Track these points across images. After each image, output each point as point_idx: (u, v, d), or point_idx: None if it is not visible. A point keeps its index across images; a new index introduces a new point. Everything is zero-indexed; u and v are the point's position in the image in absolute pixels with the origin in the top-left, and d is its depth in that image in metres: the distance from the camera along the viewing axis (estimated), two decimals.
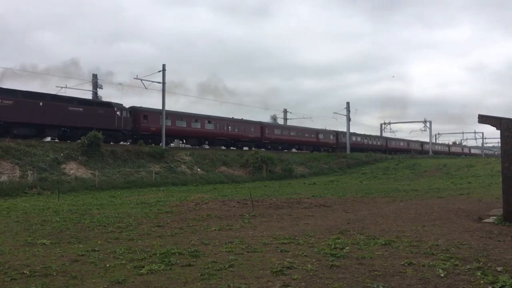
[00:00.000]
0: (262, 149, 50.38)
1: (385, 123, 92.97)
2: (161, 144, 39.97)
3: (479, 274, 6.16)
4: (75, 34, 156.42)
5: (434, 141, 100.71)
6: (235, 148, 50.93)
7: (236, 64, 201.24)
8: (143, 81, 41.30)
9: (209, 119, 47.97)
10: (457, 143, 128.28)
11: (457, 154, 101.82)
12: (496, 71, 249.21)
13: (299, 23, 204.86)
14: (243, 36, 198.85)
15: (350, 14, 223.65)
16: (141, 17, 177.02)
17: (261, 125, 54.77)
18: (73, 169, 28.93)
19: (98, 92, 47.80)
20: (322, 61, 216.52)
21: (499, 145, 13.47)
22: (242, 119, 53.33)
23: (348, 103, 67.43)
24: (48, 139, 34.83)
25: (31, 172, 26.12)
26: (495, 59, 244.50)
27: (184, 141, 47.25)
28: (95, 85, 47.76)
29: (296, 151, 59.38)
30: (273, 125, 59.96)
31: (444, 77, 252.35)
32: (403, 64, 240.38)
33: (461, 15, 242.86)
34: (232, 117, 52.02)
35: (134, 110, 39.96)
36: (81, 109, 35.08)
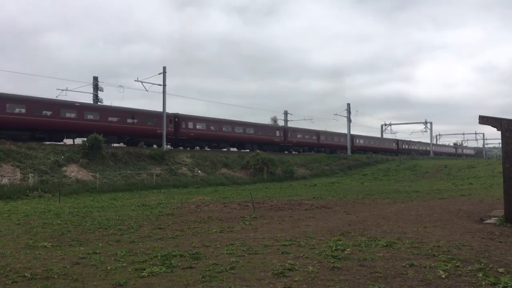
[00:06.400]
0: (180, 148, 42.66)
1: (385, 124, 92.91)
2: (162, 146, 39.98)
3: (480, 275, 6.15)
4: (83, 36, 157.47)
5: (413, 141, 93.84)
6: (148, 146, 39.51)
7: (245, 65, 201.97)
8: (143, 83, 41.23)
9: (82, 106, 37.06)
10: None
11: (443, 154, 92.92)
12: (505, 72, 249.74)
13: (310, 23, 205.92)
14: (253, 37, 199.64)
15: (362, 14, 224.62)
16: (150, 18, 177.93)
17: (176, 117, 43.67)
18: (74, 172, 28.94)
19: (98, 95, 47.82)
20: (331, 62, 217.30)
21: (500, 145, 13.45)
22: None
23: (348, 104, 67.39)
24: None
25: (32, 174, 26.12)
26: (504, 59, 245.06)
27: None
28: (96, 87, 47.78)
29: (226, 150, 48.94)
30: (194, 118, 45.59)
31: (452, 78, 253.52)
32: (411, 65, 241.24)
33: (472, 15, 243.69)
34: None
35: None
36: None
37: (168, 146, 41.55)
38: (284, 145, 56.57)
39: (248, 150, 49.72)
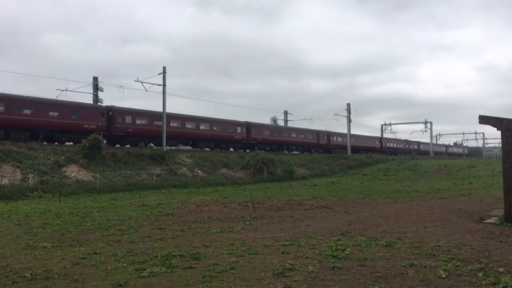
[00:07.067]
0: (120, 145, 37.96)
1: (385, 124, 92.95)
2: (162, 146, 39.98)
3: (480, 275, 6.15)
4: (84, 36, 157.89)
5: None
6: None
7: (246, 65, 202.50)
8: (143, 83, 41.20)
9: None
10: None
11: (422, 154, 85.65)
12: (505, 71, 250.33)
13: (310, 23, 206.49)
14: (254, 37, 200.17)
15: (362, 14, 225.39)
16: (151, 18, 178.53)
17: (110, 110, 38.37)
18: (74, 172, 28.94)
19: (98, 95, 47.78)
20: (332, 62, 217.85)
21: (500, 145, 13.46)
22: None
23: (348, 104, 67.41)
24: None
25: (32, 175, 26.13)
26: (505, 59, 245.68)
27: None
28: (96, 87, 47.76)
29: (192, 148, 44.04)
30: (132, 111, 40.18)
31: (452, 78, 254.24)
32: (412, 65, 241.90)
33: (472, 15, 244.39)
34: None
35: None
36: None
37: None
38: (247, 143, 50.83)
39: (208, 149, 45.66)
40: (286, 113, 73.16)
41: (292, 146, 58.61)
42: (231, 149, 49.43)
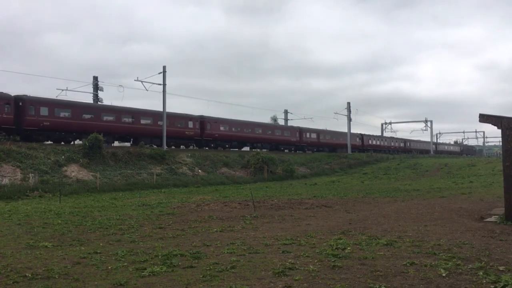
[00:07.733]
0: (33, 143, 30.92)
1: (386, 123, 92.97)
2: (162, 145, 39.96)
3: (481, 273, 6.15)
4: (84, 36, 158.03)
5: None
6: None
7: (246, 65, 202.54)
8: (143, 82, 41.16)
9: None
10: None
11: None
12: (506, 70, 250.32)
13: (311, 22, 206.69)
14: (255, 37, 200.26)
15: (363, 13, 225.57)
16: (151, 18, 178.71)
17: (21, 101, 32.70)
18: (74, 172, 28.95)
19: (98, 94, 47.84)
20: (333, 62, 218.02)
21: (500, 144, 13.45)
22: None
23: (348, 103, 67.43)
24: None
25: (32, 175, 26.14)
26: (506, 58, 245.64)
27: None
28: (96, 87, 47.78)
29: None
30: (52, 102, 35.13)
31: (453, 77, 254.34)
32: (413, 63, 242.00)
33: (473, 13, 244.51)
34: None
35: None
36: None
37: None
38: (201, 139, 45.48)
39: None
40: (286, 112, 73.20)
41: (257, 143, 52.17)
42: (182, 147, 44.15)
